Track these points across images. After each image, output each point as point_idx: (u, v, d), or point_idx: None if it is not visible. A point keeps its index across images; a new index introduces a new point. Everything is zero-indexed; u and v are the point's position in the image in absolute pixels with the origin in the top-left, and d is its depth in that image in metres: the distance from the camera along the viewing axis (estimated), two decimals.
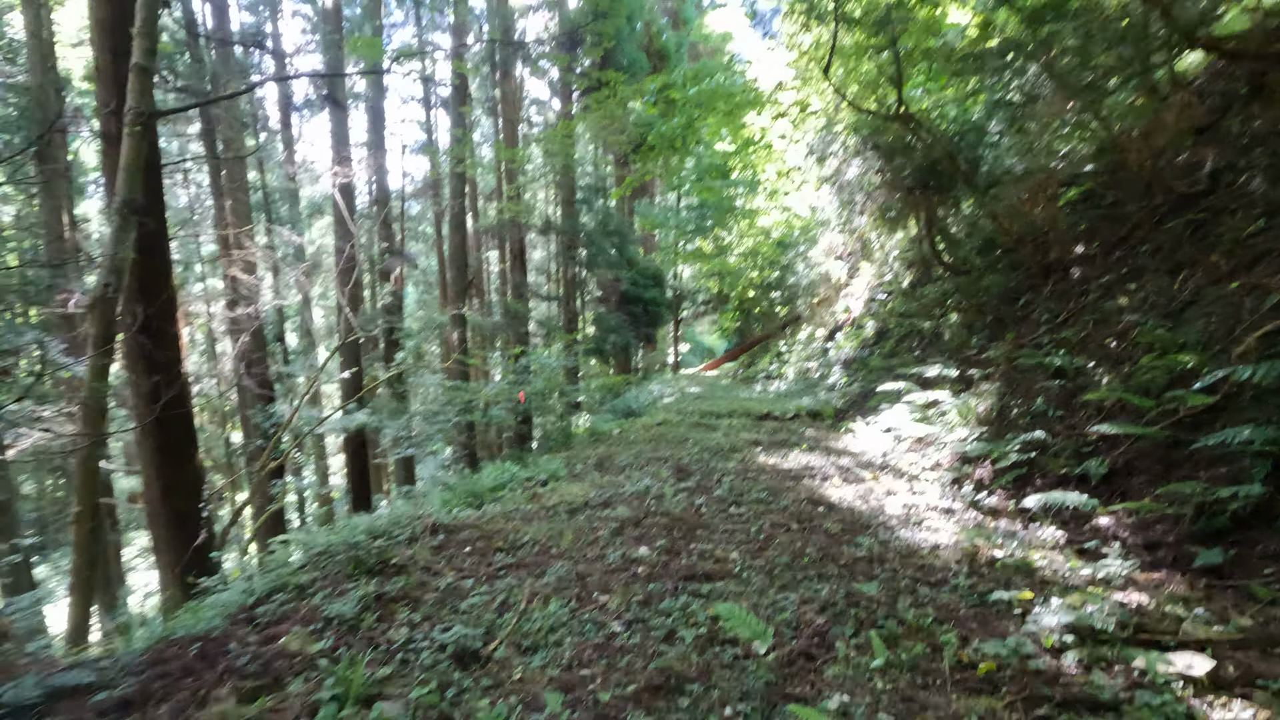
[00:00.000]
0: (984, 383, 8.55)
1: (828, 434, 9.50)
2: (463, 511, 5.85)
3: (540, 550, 4.40)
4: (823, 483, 6.24)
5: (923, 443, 8.43)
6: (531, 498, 6.04)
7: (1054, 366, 6.95)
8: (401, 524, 4.95)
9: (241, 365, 10.61)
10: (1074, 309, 7.95)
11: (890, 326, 13.71)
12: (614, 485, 6.25)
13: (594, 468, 7.68)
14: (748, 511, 5.11)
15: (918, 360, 11.40)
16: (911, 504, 5.50)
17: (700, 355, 38.52)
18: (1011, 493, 5.98)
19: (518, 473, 7.77)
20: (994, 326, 9.73)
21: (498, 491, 7.05)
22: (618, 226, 16.01)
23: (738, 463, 7.24)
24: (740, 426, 9.98)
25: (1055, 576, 3.77)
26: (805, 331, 19.35)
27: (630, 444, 9.04)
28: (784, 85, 9.64)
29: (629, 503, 5.51)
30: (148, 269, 6.22)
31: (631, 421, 11.37)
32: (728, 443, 8.43)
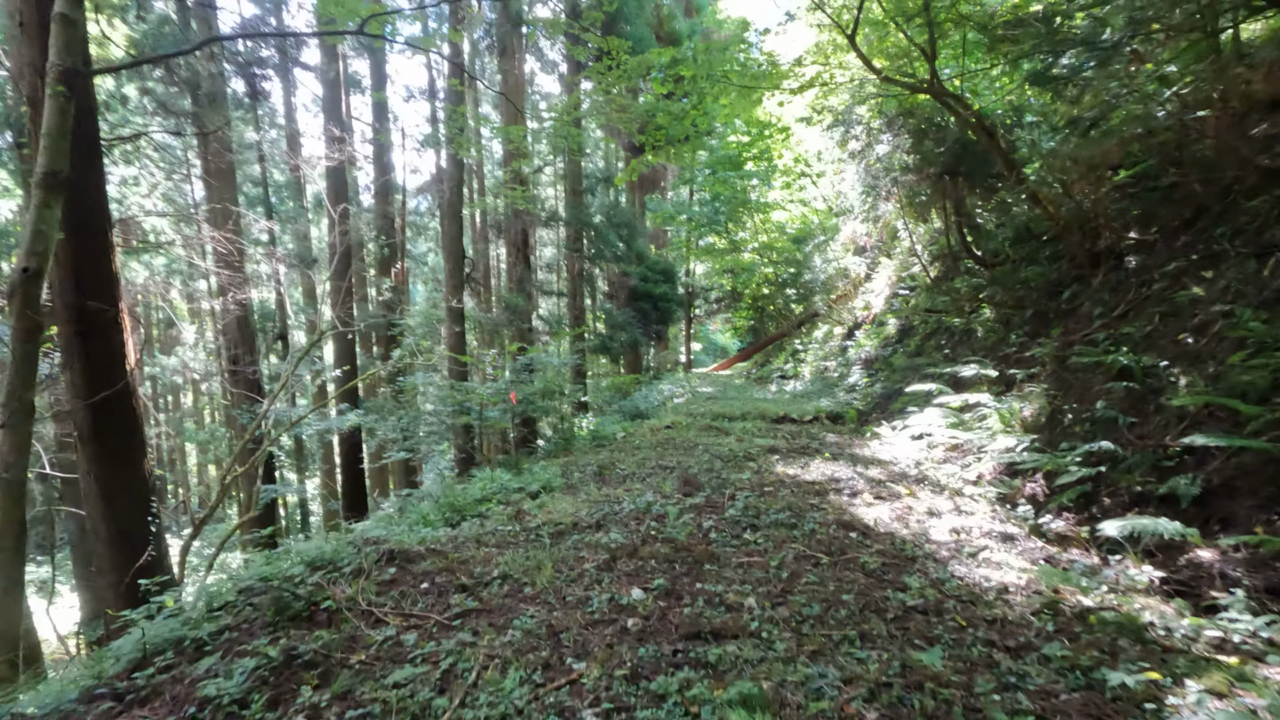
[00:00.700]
0: (1028, 384, 7.58)
1: (851, 440, 8.56)
2: (435, 531, 4.99)
3: (510, 590, 3.52)
4: (852, 499, 5.31)
5: (960, 451, 7.48)
6: (515, 515, 5.16)
7: (1118, 366, 5.98)
8: (351, 551, 4.10)
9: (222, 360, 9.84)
10: (1134, 301, 6.97)
11: (915, 323, 12.74)
12: (611, 501, 5.36)
13: (592, 477, 6.80)
14: (766, 538, 4.21)
15: (947, 359, 10.44)
16: (961, 528, 4.57)
17: (713, 354, 37.58)
18: (1078, 515, 5.03)
19: (508, 482, 6.92)
20: (1035, 322, 8.76)
21: (483, 505, 6.20)
22: (626, 219, 15.07)
23: (752, 474, 6.33)
24: (755, 431, 9.06)
25: (1175, 641, 2.84)
26: (822, 329, 18.39)
27: (635, 450, 8.16)
28: (804, 60, 8.69)
29: (625, 524, 4.62)
30: (82, 252, 5.43)
31: (639, 424, 10.49)
32: (741, 450, 7.52)
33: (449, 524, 5.71)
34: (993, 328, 9.72)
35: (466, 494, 6.62)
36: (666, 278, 16.95)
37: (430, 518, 5.83)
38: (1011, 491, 5.77)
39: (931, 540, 4.31)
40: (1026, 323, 8.94)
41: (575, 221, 14.14)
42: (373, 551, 3.99)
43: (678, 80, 9.40)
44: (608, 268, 15.87)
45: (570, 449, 8.86)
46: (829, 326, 17.79)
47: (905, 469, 6.65)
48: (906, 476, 6.30)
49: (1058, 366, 7.29)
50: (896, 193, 9.54)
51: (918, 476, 6.27)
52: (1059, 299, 8.52)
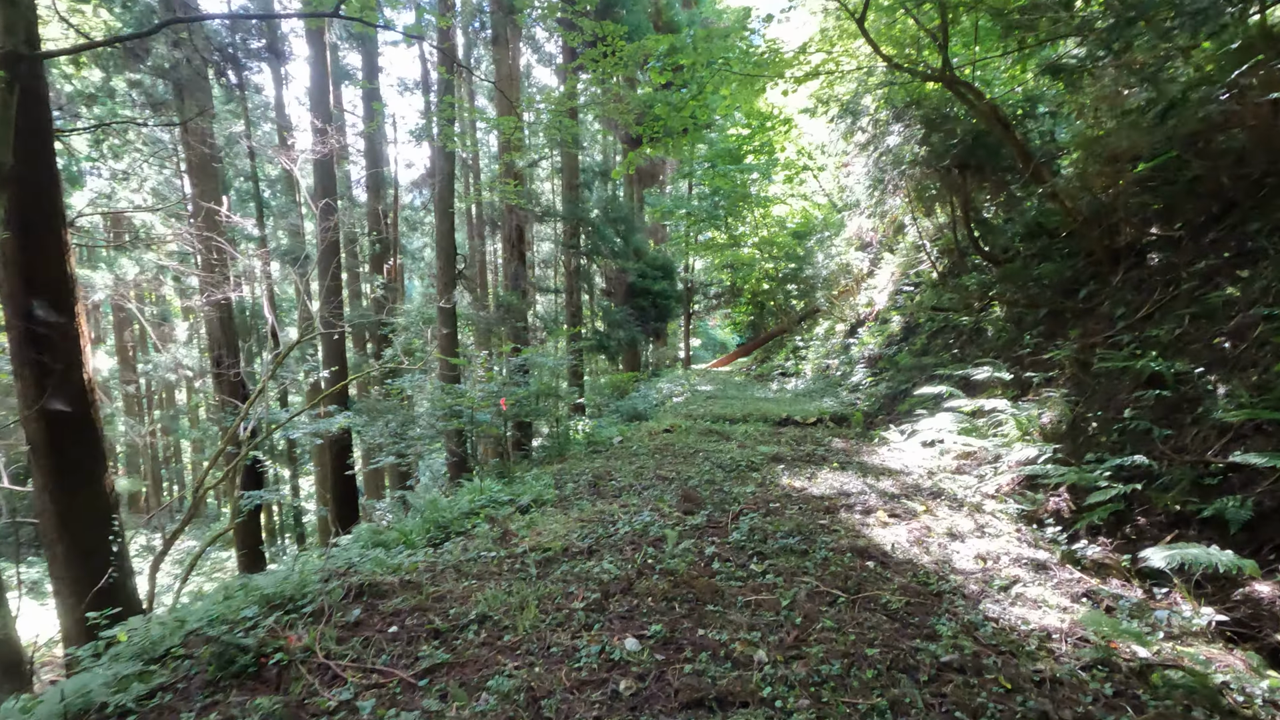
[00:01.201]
0: (1046, 388, 7.16)
1: (859, 445, 8.14)
2: (414, 555, 4.57)
3: (488, 636, 3.09)
4: (865, 518, 4.89)
5: (974, 459, 7.05)
6: (501, 537, 4.73)
7: (1149, 372, 5.55)
8: (317, 584, 3.67)
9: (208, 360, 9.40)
10: (1160, 301, 6.54)
11: (920, 321, 12.31)
12: (605, 520, 4.94)
13: (587, 489, 6.38)
14: (775, 570, 3.78)
15: (956, 359, 10.01)
16: (987, 554, 4.14)
17: (713, 350, 37.15)
18: (1112, 538, 4.61)
19: (498, 493, 6.49)
20: (1050, 322, 8.33)
21: (471, 519, 5.78)
22: (623, 213, 14.59)
23: (756, 486, 5.91)
24: (757, 435, 8.64)
25: (1256, 709, 2.42)
26: (824, 325, 17.94)
27: (632, 457, 7.73)
28: (808, 48, 8.23)
29: (620, 550, 4.19)
30: (33, 252, 4.99)
31: (636, 427, 10.06)
32: (744, 458, 7.09)
33: (433, 543, 5.29)
34: (1004, 327, 9.30)
35: (454, 507, 6.19)
36: (665, 274, 16.49)
37: (412, 537, 5.40)
38: (1035, 508, 5.34)
39: (957, 570, 3.89)
40: (1040, 322, 8.52)
41: (571, 217, 13.66)
42: (339, 587, 3.56)
43: (676, 70, 8.94)
44: (605, 264, 15.40)
45: (565, 455, 8.43)
46: (831, 323, 17.34)
47: (918, 480, 6.23)
48: (921, 489, 5.87)
49: (1078, 370, 6.86)
50: (904, 186, 9.08)
51: (933, 489, 5.85)
52: (1075, 298, 8.09)
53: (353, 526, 10.89)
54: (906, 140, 7.98)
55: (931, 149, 9.22)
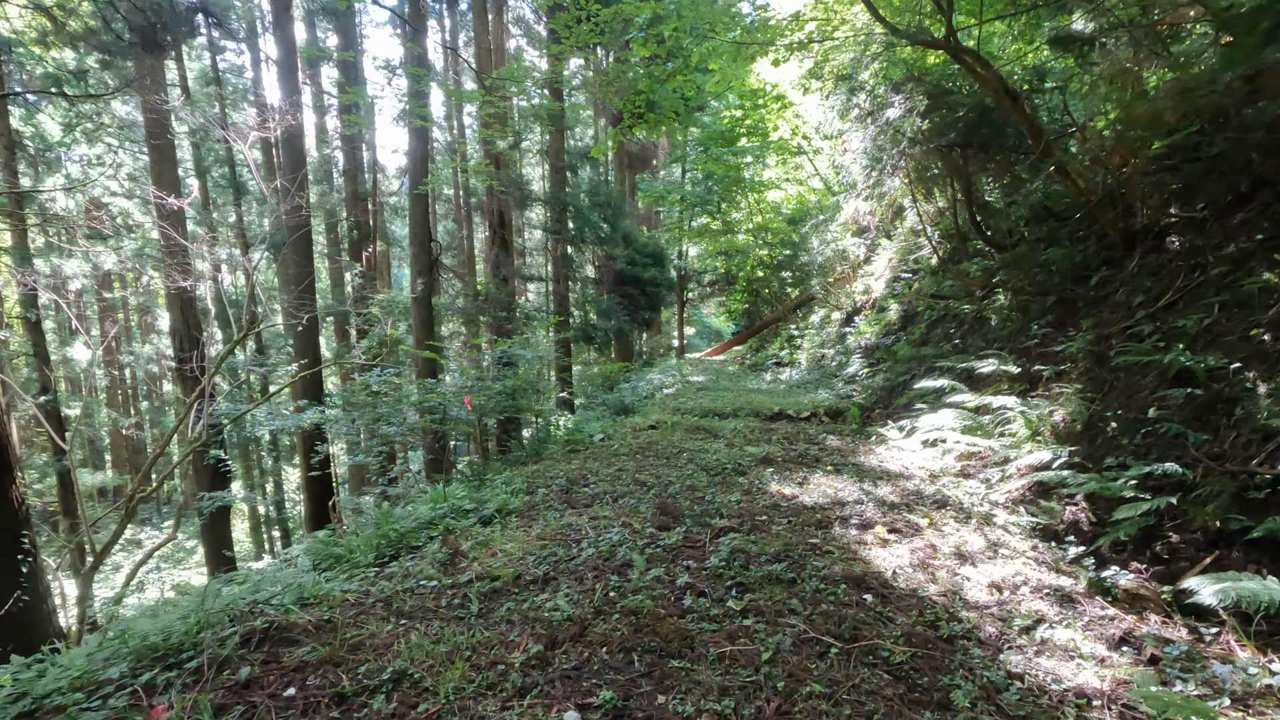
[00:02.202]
0: (1058, 383, 6.56)
1: (855, 443, 7.55)
2: (349, 581, 3.97)
3: (400, 706, 2.49)
4: (862, 534, 4.30)
5: (980, 461, 6.46)
6: (449, 560, 4.14)
7: (1177, 367, 4.95)
8: (223, 621, 3.08)
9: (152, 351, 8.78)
10: (1184, 288, 5.92)
11: (919, 309, 11.70)
12: (569, 537, 4.34)
13: (558, 495, 5.78)
14: (756, 609, 3.18)
15: (957, 350, 9.41)
16: (1003, 581, 3.55)
17: (707, 338, 36.53)
18: (1143, 558, 4.02)
19: (462, 500, 5.90)
20: (1059, 310, 7.72)
21: (428, 532, 5.19)
22: (609, 197, 13.88)
23: (742, 494, 5.31)
24: (747, 432, 8.04)
25: None
26: (819, 314, 17.31)
27: (612, 458, 7.13)
28: (802, 15, 7.55)
29: (580, 579, 3.60)
30: None
31: (621, 422, 9.45)
32: (731, 459, 6.49)
33: (380, 560, 4.70)
34: (1009, 316, 8.69)
35: (410, 517, 5.60)
36: (656, 261, 15.80)
37: (358, 555, 4.80)
38: (1051, 520, 4.75)
39: (969, 603, 3.30)
40: (1049, 311, 7.91)
41: (554, 200, 12.97)
42: (235, 634, 2.95)
43: (660, 42, 8.25)
44: (592, 251, 14.75)
45: (542, 454, 7.83)
46: (826, 311, 16.72)
47: (920, 485, 5.63)
48: (923, 497, 5.28)
49: (1093, 364, 6.26)
50: (904, 166, 8.43)
51: (936, 497, 5.25)
52: (1087, 285, 7.48)
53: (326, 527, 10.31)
54: (907, 113, 7.31)
55: (933, 126, 8.56)
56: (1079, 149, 8.01)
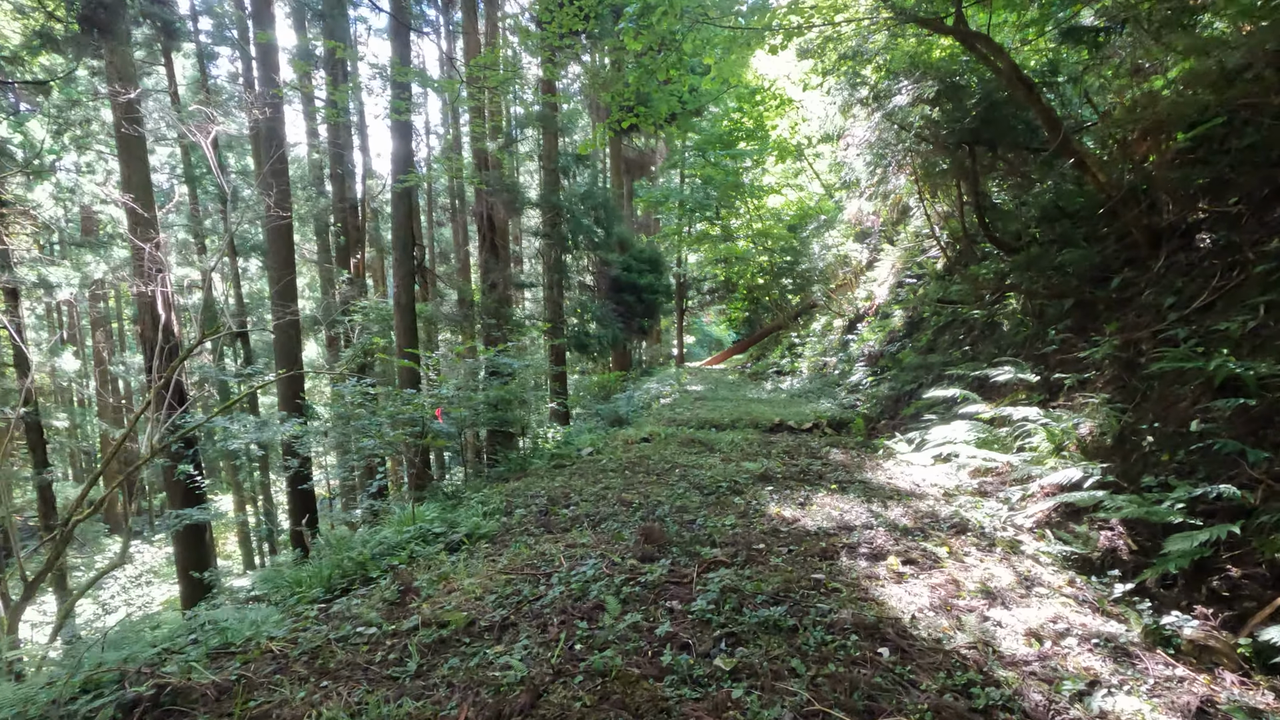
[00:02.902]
0: (1082, 392, 5.99)
1: (860, 457, 6.98)
2: (276, 628, 3.41)
3: None
4: (874, 566, 3.73)
5: (998, 477, 5.89)
6: (399, 598, 3.58)
7: (1225, 374, 4.38)
8: (92, 694, 2.52)
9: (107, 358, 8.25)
10: (1222, 287, 5.36)
11: (925, 315, 11.15)
12: (540, 571, 3.78)
13: (535, 518, 5.22)
14: (749, 669, 2.61)
15: (967, 357, 8.86)
16: (1042, 628, 2.98)
17: (708, 347, 35.97)
18: (1196, 595, 3.45)
19: (433, 523, 5.34)
20: (1078, 314, 7.16)
21: (392, 558, 4.63)
22: (601, 200, 13.34)
23: (738, 517, 4.75)
24: (745, 446, 7.47)
25: None
26: (821, 321, 16.76)
27: (599, 474, 6.57)
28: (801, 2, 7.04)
29: (544, 627, 3.04)
30: None
31: (613, 434, 8.89)
32: (727, 476, 5.93)
33: (328, 595, 4.14)
34: (1022, 321, 8.14)
35: (374, 542, 5.05)
36: (653, 267, 15.26)
37: (306, 588, 4.25)
38: (1086, 549, 4.17)
39: (1005, 659, 2.72)
40: (1066, 315, 7.35)
41: (543, 203, 12.43)
42: (110, 705, 2.39)
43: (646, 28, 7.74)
44: (587, 256, 14.23)
45: (527, 470, 7.27)
46: (828, 318, 16.18)
47: (935, 506, 5.06)
48: (939, 520, 4.71)
49: (1122, 371, 5.69)
50: (910, 163, 7.88)
51: (954, 520, 4.68)
52: (1107, 287, 6.91)
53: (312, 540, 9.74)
54: (915, 101, 6.78)
55: (940, 119, 8.03)
56: (1098, 141, 7.48)
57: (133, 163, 8.74)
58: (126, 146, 8.69)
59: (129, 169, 8.75)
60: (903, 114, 6.92)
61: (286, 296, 9.93)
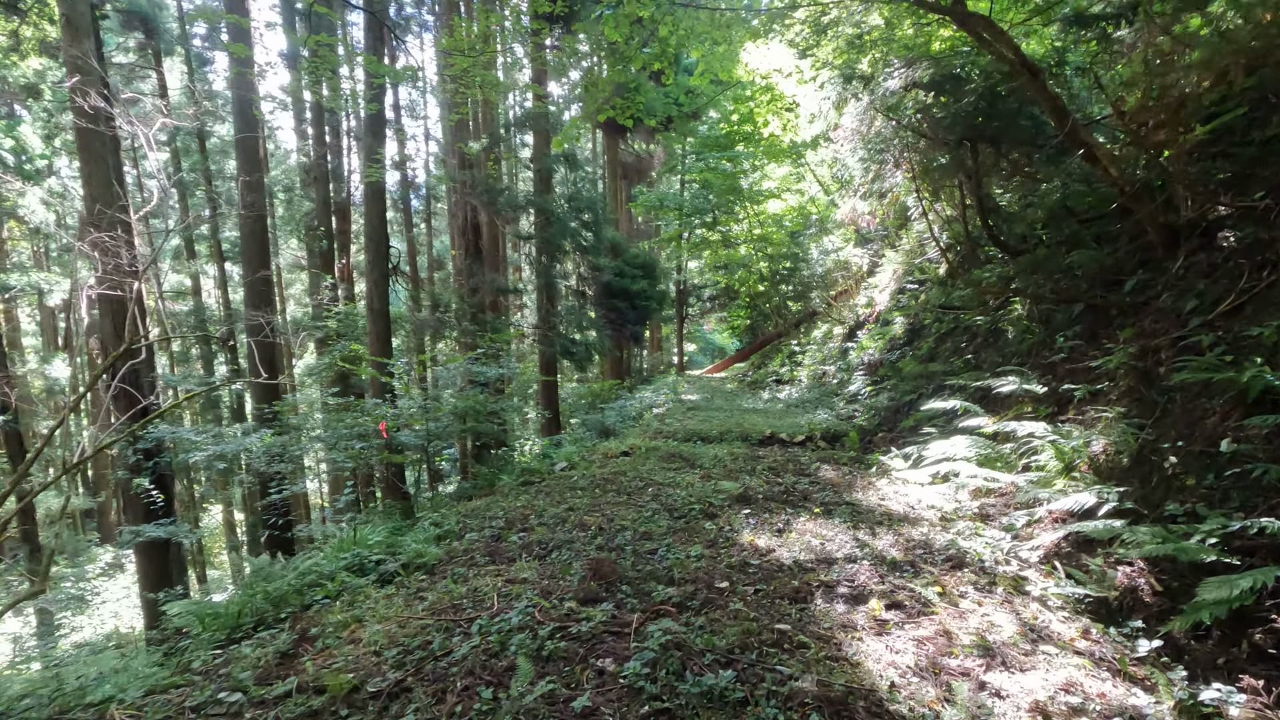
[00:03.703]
0: (1093, 405, 5.39)
1: (852, 474, 6.38)
2: (135, 689, 2.86)
3: None
4: (852, 612, 3.15)
5: (1001, 498, 5.28)
6: (290, 650, 3.03)
7: (1261, 385, 3.78)
8: None
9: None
10: (1249, 290, 4.77)
11: (926, 322, 10.55)
12: (463, 613, 3.23)
13: (485, 544, 4.66)
14: None
15: (969, 366, 8.26)
16: (1051, 702, 2.39)
17: (711, 355, 35.37)
18: (1242, 655, 2.86)
19: (373, 549, 4.79)
20: (1089, 320, 6.56)
21: (316, 592, 4.08)
22: (590, 202, 12.78)
23: (705, 546, 4.17)
24: (728, 461, 6.89)
25: None
26: (821, 329, 16.16)
27: (567, 491, 6.01)
28: None
29: (440, 695, 2.48)
30: None
31: (593, 448, 8.33)
32: (701, 497, 5.35)
33: (231, 638, 3.60)
34: (1028, 328, 7.54)
35: (303, 570, 4.51)
36: (646, 272, 14.70)
37: (209, 629, 3.71)
38: (1101, 589, 3.57)
39: None
40: (1076, 321, 6.76)
41: (525, 204, 11.88)
42: None
43: (636, 23, 7.23)
44: (575, 260, 13.71)
45: (495, 486, 6.72)
46: (828, 326, 15.58)
47: (929, 533, 4.46)
48: (933, 551, 4.11)
49: (1139, 382, 5.09)
50: (907, 159, 7.31)
51: (950, 551, 4.08)
52: (1120, 291, 6.32)
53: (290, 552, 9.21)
54: (909, 85, 6.21)
55: (938, 113, 7.47)
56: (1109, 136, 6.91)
57: (93, 161, 8.30)
58: (86, 145, 8.26)
59: (89, 166, 8.31)
60: (895, 99, 6.34)
61: (261, 300, 9.45)
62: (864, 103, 6.46)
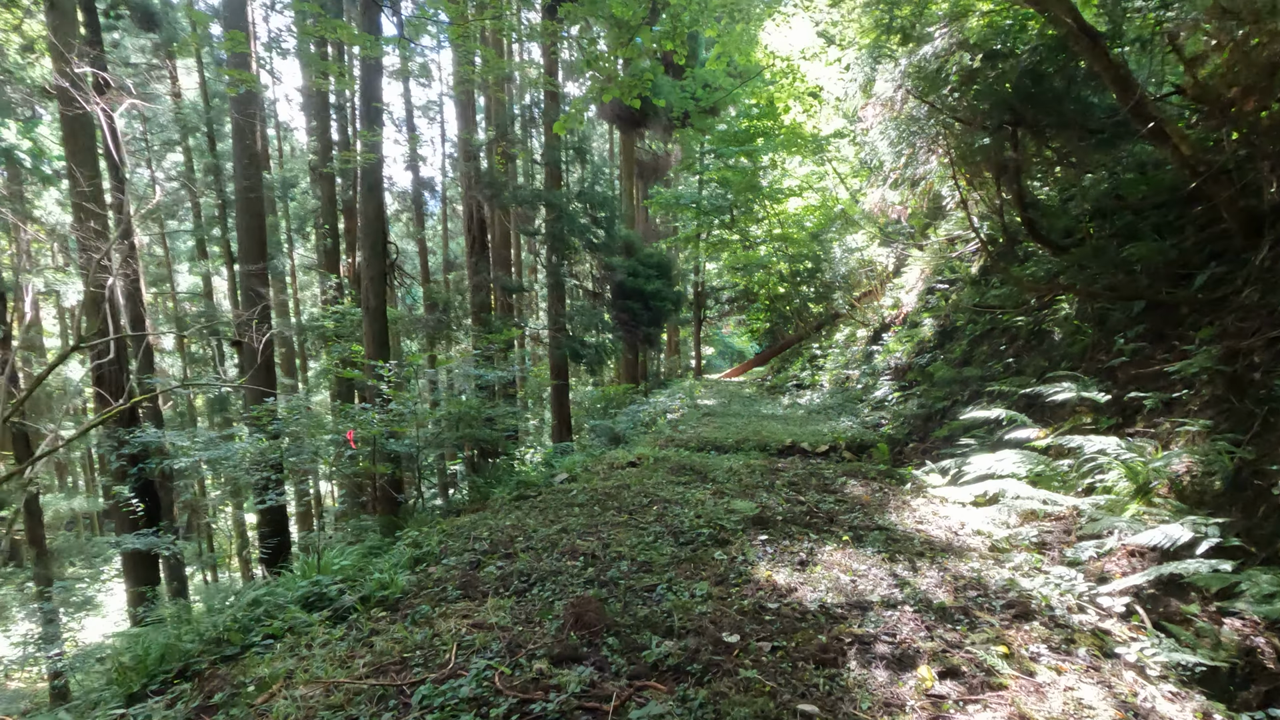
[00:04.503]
0: (1170, 416, 4.61)
1: (884, 492, 5.64)
2: None
3: None
4: (895, 683, 2.45)
5: (1059, 524, 4.52)
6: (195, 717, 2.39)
7: None
8: None
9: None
10: None
11: (958, 323, 9.75)
12: (409, 674, 2.57)
13: (460, 573, 4.01)
14: None
15: (1011, 371, 7.48)
16: None
17: (730, 359, 34.57)
18: None
19: (333, 576, 4.17)
20: (1154, 319, 5.77)
21: (260, 629, 3.47)
22: (601, 198, 12.10)
23: (713, 584, 3.48)
24: (745, 474, 6.18)
25: None
26: (844, 332, 15.35)
27: (565, 507, 5.34)
28: None
29: None
30: None
31: (599, 457, 7.66)
32: (712, 518, 4.65)
33: (145, 690, 2.98)
34: (1078, 329, 6.75)
35: (251, 602, 3.90)
36: (661, 272, 14.00)
37: (122, 681, 3.09)
38: (1212, 655, 2.82)
39: None
40: (1136, 320, 5.97)
41: (534, 199, 11.26)
42: None
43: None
44: (586, 258, 13.08)
45: (487, 499, 6.08)
46: (851, 328, 14.78)
47: (981, 569, 3.72)
48: (988, 592, 3.38)
49: (1227, 390, 4.30)
50: (944, 142, 6.55)
51: (1010, 595, 3.34)
52: (1189, 286, 5.54)
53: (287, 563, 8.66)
54: (954, 47, 5.46)
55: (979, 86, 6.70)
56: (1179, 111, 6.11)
57: (79, 153, 7.85)
58: (71, 132, 7.81)
59: (74, 156, 7.85)
60: (936, 63, 5.60)
61: (258, 299, 8.93)
62: (899, 69, 5.72)
